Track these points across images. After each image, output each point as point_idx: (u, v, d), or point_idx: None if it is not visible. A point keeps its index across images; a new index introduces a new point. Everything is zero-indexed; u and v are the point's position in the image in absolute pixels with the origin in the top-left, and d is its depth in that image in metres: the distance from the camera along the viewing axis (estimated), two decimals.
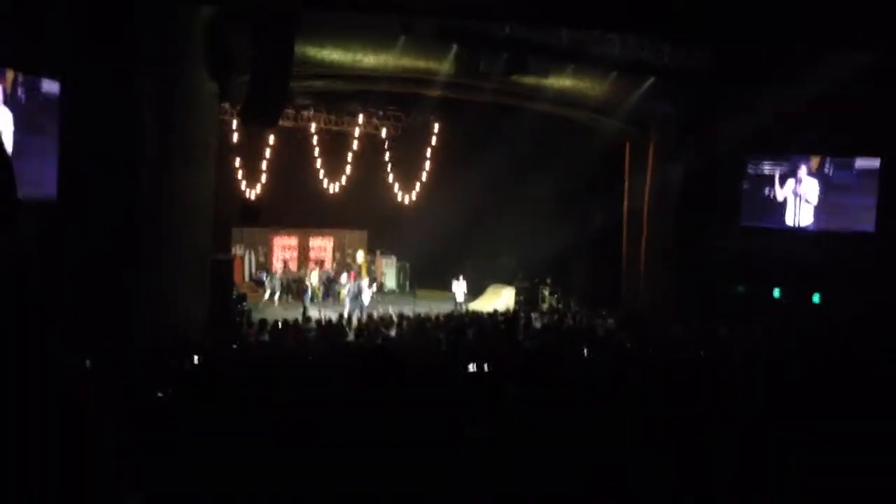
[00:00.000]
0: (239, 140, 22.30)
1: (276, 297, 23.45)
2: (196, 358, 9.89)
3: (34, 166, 12.85)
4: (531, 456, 3.54)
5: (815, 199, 20.17)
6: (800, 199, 20.32)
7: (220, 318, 15.51)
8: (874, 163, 19.48)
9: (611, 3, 14.95)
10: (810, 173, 20.22)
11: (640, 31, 17.42)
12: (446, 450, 3.65)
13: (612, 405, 4.38)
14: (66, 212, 12.68)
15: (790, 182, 20.43)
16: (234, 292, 19.08)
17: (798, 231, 20.32)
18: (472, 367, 9.15)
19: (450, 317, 17.89)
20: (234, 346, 12.83)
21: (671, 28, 16.84)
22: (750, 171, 20.88)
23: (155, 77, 13.81)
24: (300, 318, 17.06)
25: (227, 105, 19.04)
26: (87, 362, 8.12)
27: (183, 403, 6.40)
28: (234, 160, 22.86)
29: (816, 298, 19.45)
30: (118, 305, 12.83)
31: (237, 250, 24.78)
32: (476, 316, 18.60)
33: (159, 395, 5.97)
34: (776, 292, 20.01)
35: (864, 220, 19.38)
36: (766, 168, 20.76)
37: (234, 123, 21.36)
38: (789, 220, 20.47)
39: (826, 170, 20.13)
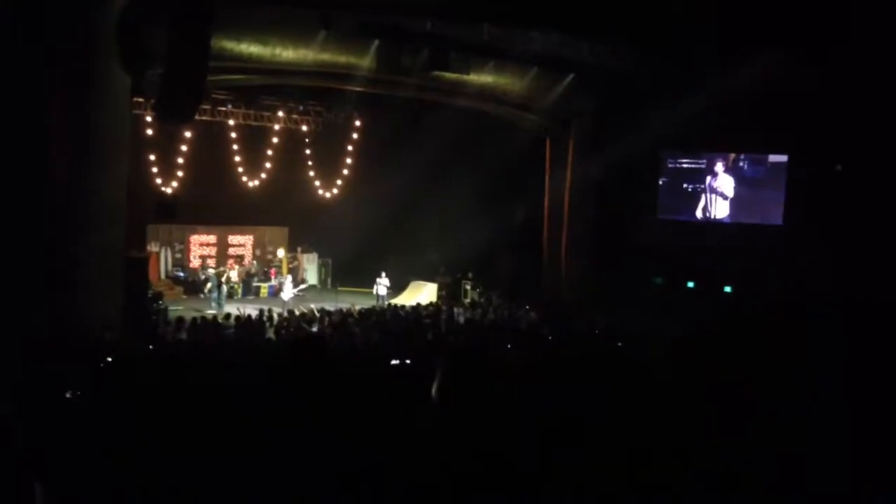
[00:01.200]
0: (154, 135, 21.70)
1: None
2: (109, 358, 9.61)
3: None
4: (454, 451, 3.54)
5: (730, 194, 20.80)
6: (715, 193, 20.93)
7: (136, 317, 15.09)
8: (783, 158, 20.21)
9: (533, 1, 15.10)
10: (726, 169, 20.84)
11: (562, 28, 17.61)
12: (368, 445, 3.62)
13: (533, 396, 4.43)
14: None
15: (707, 177, 21.03)
16: (150, 290, 18.61)
17: (713, 224, 20.93)
18: (395, 362, 9.13)
19: (371, 312, 17.80)
20: (150, 345, 12.50)
21: (592, 27, 17.11)
22: (669, 165, 21.40)
23: (65, 69, 13.33)
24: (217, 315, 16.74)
25: (141, 99, 18.52)
26: None
27: (95, 404, 6.19)
28: (149, 155, 22.25)
29: (728, 289, 20.09)
30: (27, 305, 12.37)
31: (153, 247, 24.18)
32: (398, 311, 18.56)
33: (67, 395, 5.75)
34: (690, 283, 20.59)
35: (774, 214, 20.11)
36: (684, 163, 21.31)
37: (149, 117, 20.79)
38: (705, 214, 21.07)
39: (741, 165, 20.78)
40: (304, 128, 25.27)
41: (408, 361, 9.04)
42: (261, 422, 3.68)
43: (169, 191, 22.85)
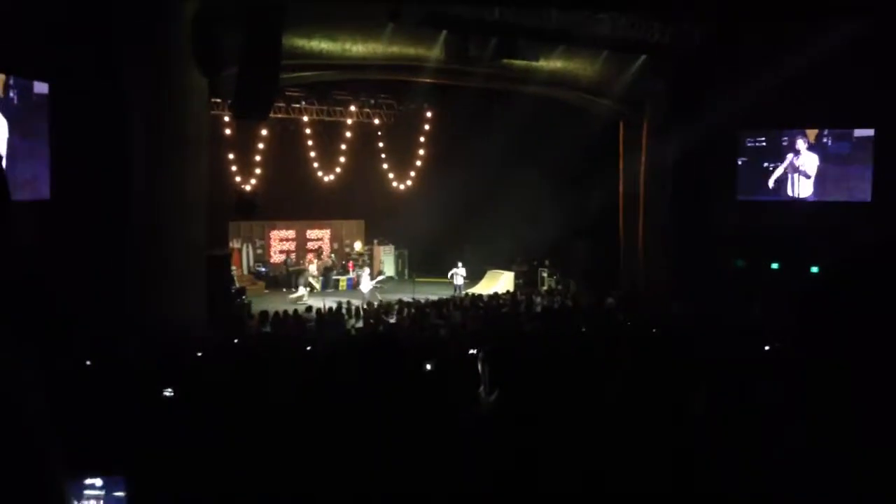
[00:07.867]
0: (232, 134, 22.23)
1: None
2: (198, 353, 9.92)
3: (28, 168, 12.85)
4: (518, 433, 3.55)
5: (812, 172, 20.11)
6: (797, 171, 20.27)
7: (220, 312, 15.52)
8: (870, 133, 19.43)
9: None
10: (808, 145, 20.16)
11: (629, 9, 17.33)
12: (443, 437, 3.66)
13: (601, 380, 4.40)
14: (60, 212, 12.68)
15: (787, 155, 20.37)
16: (234, 286, 19.11)
17: (796, 203, 20.29)
18: (473, 352, 9.16)
19: (448, 301, 17.90)
20: (236, 339, 12.85)
21: (661, 5, 16.79)
22: (748, 144, 20.81)
23: (142, 74, 13.75)
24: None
25: (218, 99, 18.97)
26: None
27: (184, 399, 6.41)
28: (227, 154, 22.80)
29: (815, 269, 19.44)
30: (115, 304, 12.84)
31: (235, 244, 24.79)
32: (476, 300, 18.61)
33: (166, 393, 5.95)
34: (774, 265, 20.01)
35: (861, 190, 19.36)
36: (763, 142, 20.70)
37: (226, 117, 21.29)
38: (787, 193, 20.44)
39: (824, 141, 20.07)
40: (377, 121, 25.49)
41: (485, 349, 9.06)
42: (344, 413, 3.75)
43: (248, 188, 23.37)
